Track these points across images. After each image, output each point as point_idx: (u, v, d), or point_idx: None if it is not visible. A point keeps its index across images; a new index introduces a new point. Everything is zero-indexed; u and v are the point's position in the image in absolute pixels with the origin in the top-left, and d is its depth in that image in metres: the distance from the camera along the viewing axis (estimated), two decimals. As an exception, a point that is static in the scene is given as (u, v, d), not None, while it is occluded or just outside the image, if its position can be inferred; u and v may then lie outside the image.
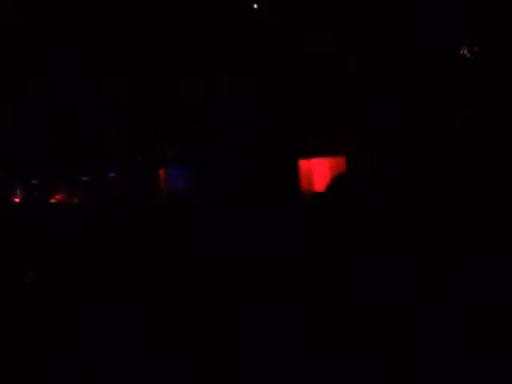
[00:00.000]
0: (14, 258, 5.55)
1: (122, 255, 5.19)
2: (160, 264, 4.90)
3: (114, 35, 7.52)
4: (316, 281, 4.19)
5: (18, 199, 7.68)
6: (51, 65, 7.57)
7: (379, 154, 6.24)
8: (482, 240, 4.04)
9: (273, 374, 3.32)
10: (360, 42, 6.66)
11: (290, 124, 7.01)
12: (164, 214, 6.11)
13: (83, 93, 7.64)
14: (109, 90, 7.52)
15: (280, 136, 7.03)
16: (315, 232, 4.74)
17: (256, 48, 7.20)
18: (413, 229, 4.39)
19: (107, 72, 7.53)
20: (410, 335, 3.44)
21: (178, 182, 7.40)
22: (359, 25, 6.66)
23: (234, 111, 7.23)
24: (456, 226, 4.26)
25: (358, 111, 6.58)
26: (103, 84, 7.52)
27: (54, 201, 7.59)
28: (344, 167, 6.58)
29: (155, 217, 6.03)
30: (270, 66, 7.13)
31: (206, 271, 4.63)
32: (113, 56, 7.56)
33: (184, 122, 7.61)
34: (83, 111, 7.70)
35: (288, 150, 6.98)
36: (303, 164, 6.98)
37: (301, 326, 3.68)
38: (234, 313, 3.97)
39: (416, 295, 3.76)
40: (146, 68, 7.59)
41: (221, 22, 7.25)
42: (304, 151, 6.97)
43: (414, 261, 4.02)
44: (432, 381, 3.13)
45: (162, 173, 7.87)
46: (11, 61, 7.61)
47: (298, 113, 6.96)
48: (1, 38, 7.48)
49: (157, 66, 7.57)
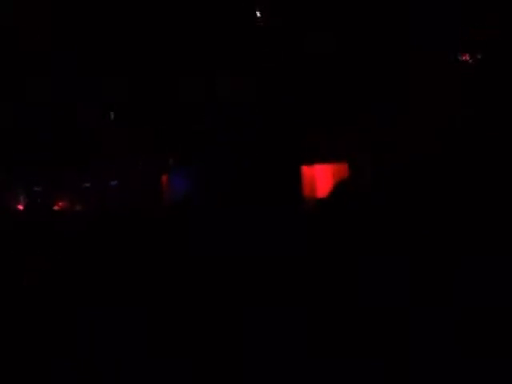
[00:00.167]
0: (15, 259, 5.55)
1: (122, 255, 5.19)
2: (160, 264, 4.90)
3: (114, 35, 7.52)
4: (316, 281, 4.19)
5: (21, 206, 7.66)
6: (51, 65, 7.57)
7: (379, 155, 6.25)
8: (482, 240, 4.04)
9: (273, 373, 3.33)
10: (360, 42, 6.67)
11: (290, 124, 7.00)
12: (165, 218, 6.12)
13: (83, 93, 7.63)
14: (109, 90, 7.52)
15: (281, 139, 7.01)
16: (316, 233, 4.75)
17: (256, 48, 7.20)
18: (413, 229, 4.38)
19: (107, 72, 7.52)
20: (410, 335, 3.44)
21: (181, 187, 7.37)
22: (359, 25, 6.66)
23: (234, 111, 7.22)
24: (456, 226, 4.26)
25: (358, 111, 6.58)
26: (103, 84, 7.52)
27: (57, 208, 7.57)
28: (346, 173, 6.55)
29: (157, 220, 6.04)
30: (270, 66, 7.13)
31: (206, 271, 4.63)
32: (113, 56, 7.56)
33: (184, 122, 7.61)
34: (83, 111, 7.70)
35: (289, 154, 6.94)
36: (306, 170, 6.94)
37: (301, 326, 3.68)
38: (234, 313, 3.97)
39: (416, 295, 3.76)
40: (146, 68, 7.59)
41: (221, 21, 7.25)
42: (306, 156, 6.94)
43: (414, 261, 4.02)
44: (432, 381, 3.13)
45: (164, 178, 7.83)
46: (11, 61, 7.60)
47: (298, 113, 6.96)
48: (1, 38, 7.48)
49: (157, 66, 7.57)
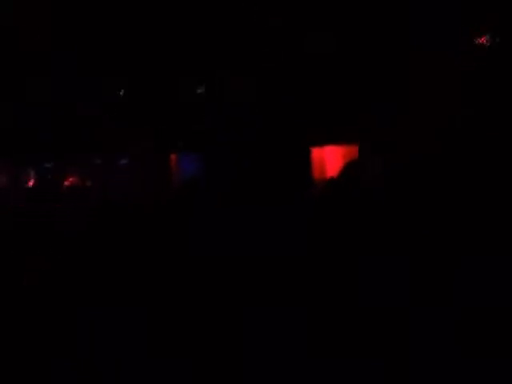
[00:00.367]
0: (15, 259, 5.55)
1: (121, 255, 5.19)
2: (160, 264, 4.90)
3: (114, 35, 7.52)
4: (316, 281, 4.19)
5: (31, 183, 7.76)
6: (51, 65, 7.58)
7: (379, 155, 6.24)
8: (482, 240, 4.04)
9: (273, 373, 3.33)
10: (360, 42, 6.67)
11: (290, 124, 7.01)
12: (169, 210, 6.09)
13: (83, 93, 7.64)
14: (109, 90, 7.52)
15: (281, 139, 7.01)
16: (318, 226, 4.75)
17: (256, 48, 7.20)
18: (413, 229, 4.39)
19: (107, 72, 7.53)
20: (410, 335, 3.44)
21: (190, 169, 7.29)
22: (359, 25, 6.66)
23: (234, 111, 7.23)
24: (456, 226, 4.26)
25: (358, 111, 6.58)
26: (103, 84, 7.52)
27: (67, 183, 7.64)
28: (356, 155, 6.50)
29: (157, 217, 6.02)
30: (270, 65, 7.13)
31: (206, 271, 4.63)
32: (113, 56, 7.57)
33: (184, 122, 7.61)
34: (83, 111, 7.71)
35: (299, 138, 6.91)
36: (316, 152, 6.92)
37: (301, 326, 3.68)
38: (234, 313, 3.97)
39: (416, 295, 3.76)
40: (146, 68, 7.60)
41: (221, 21, 7.25)
42: (315, 138, 6.90)
43: (414, 261, 4.02)
44: (432, 381, 3.13)
45: (173, 159, 7.75)
46: (11, 61, 7.61)
47: (298, 112, 6.96)
48: (1, 38, 7.49)
49: (157, 65, 7.58)
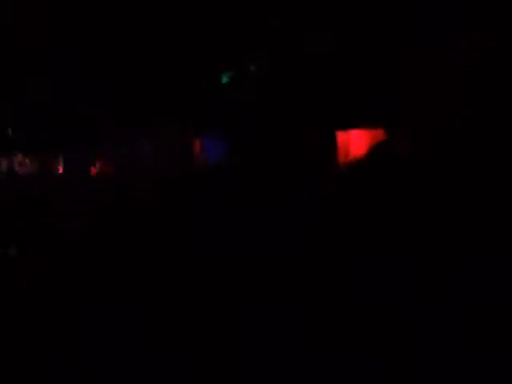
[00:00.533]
0: (15, 259, 5.55)
1: (121, 255, 5.19)
2: (160, 264, 4.90)
3: (115, 35, 7.52)
4: (316, 281, 4.19)
5: (61, 170, 8.04)
6: (51, 65, 7.58)
7: (379, 155, 6.24)
8: (482, 240, 4.04)
9: (273, 373, 3.33)
10: (360, 42, 6.66)
11: (290, 124, 7.00)
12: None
13: (83, 93, 7.64)
14: (109, 90, 7.52)
15: (281, 139, 6.99)
16: (318, 226, 4.75)
17: (256, 48, 7.20)
18: (413, 228, 4.39)
19: (107, 72, 7.53)
20: (410, 335, 3.44)
21: (214, 153, 7.26)
22: (359, 25, 6.66)
23: (234, 111, 7.22)
24: (456, 226, 4.26)
25: (358, 111, 6.58)
26: (103, 84, 7.52)
27: (94, 170, 7.87)
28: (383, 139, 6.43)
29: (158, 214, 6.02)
30: (269, 65, 7.12)
31: (206, 271, 4.63)
32: (113, 56, 7.56)
33: (184, 122, 7.61)
34: (83, 111, 7.71)
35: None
36: (340, 136, 6.83)
37: (301, 326, 3.68)
38: (234, 312, 3.97)
39: (416, 295, 3.76)
40: (146, 68, 7.59)
41: (220, 21, 7.25)
42: (340, 121, 6.80)
43: (414, 261, 4.02)
44: (432, 381, 3.13)
45: (197, 144, 7.71)
46: (11, 61, 7.61)
47: (298, 112, 6.96)
48: (1, 38, 7.49)
49: (157, 65, 7.57)
